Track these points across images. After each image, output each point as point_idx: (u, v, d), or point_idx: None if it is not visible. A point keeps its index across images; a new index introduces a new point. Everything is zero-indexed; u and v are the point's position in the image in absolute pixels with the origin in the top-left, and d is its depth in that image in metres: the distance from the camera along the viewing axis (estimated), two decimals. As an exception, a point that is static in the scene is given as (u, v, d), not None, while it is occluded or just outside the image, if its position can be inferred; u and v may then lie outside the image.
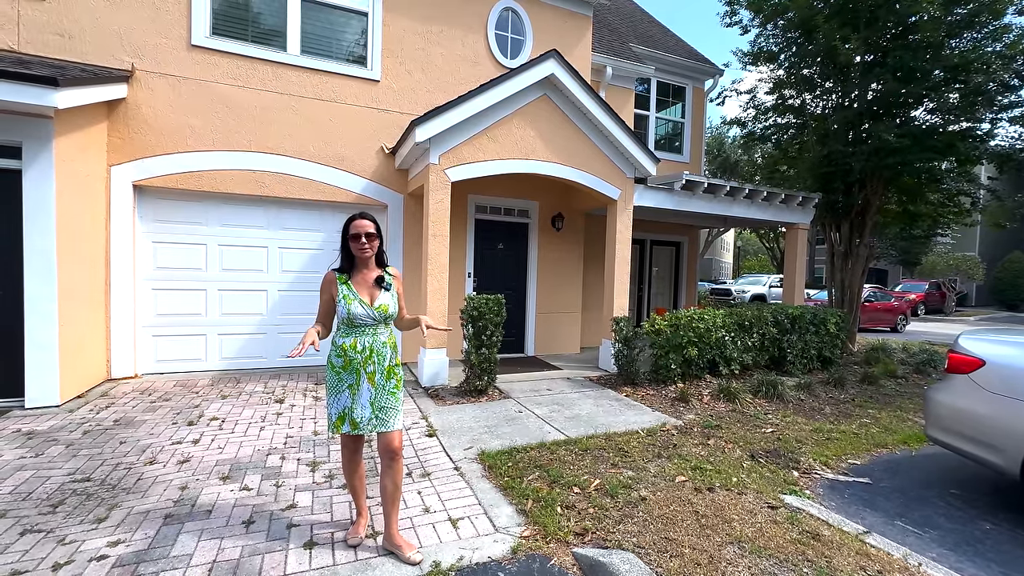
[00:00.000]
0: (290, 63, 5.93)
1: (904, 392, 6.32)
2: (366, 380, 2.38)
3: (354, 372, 2.37)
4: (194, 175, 5.57)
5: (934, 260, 24.77)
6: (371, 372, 2.39)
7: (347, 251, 2.42)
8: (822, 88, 9.18)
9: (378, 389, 2.40)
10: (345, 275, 2.42)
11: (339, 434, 2.41)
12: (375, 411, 2.38)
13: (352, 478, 2.56)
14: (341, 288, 2.38)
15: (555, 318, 7.80)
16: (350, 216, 2.45)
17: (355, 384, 2.37)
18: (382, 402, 2.40)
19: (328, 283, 2.43)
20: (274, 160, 5.89)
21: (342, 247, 2.44)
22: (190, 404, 4.59)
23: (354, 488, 2.59)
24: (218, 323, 5.88)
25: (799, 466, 3.69)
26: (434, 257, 5.54)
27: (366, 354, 2.38)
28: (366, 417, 2.37)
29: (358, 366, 2.37)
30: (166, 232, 5.64)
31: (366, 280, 2.44)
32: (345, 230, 2.41)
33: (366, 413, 2.37)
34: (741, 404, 5.29)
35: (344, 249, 2.43)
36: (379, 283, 2.45)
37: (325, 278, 2.44)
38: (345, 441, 2.50)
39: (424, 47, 6.61)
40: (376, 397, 2.39)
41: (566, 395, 5.40)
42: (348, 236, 2.40)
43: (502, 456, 3.58)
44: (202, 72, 5.57)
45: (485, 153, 5.74)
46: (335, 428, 2.39)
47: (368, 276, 2.45)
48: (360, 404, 2.37)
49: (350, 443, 2.50)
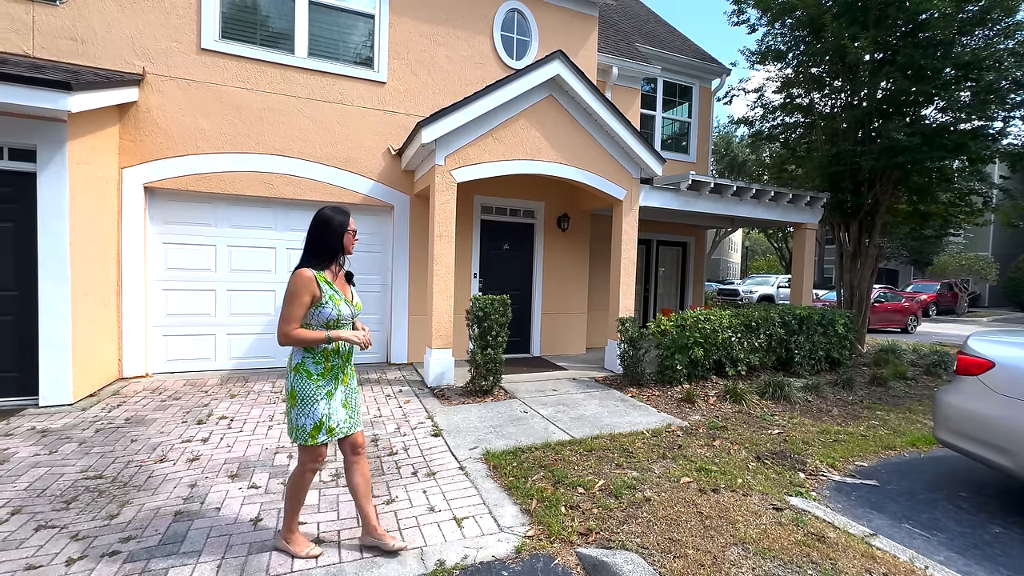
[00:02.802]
0: (298, 66, 5.99)
1: (913, 394, 6.26)
2: (341, 383, 2.33)
3: (333, 378, 2.28)
4: (204, 177, 5.65)
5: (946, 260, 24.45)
6: (347, 373, 2.36)
7: (330, 246, 2.25)
8: (831, 87, 9.10)
9: (348, 389, 2.37)
10: (322, 274, 2.25)
11: (314, 444, 2.22)
12: (349, 412, 2.34)
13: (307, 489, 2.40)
14: (324, 288, 2.21)
15: (561, 319, 7.81)
16: (328, 209, 2.29)
17: (332, 390, 2.27)
18: (352, 401, 2.38)
19: (308, 282, 2.16)
20: (282, 162, 5.96)
21: (320, 241, 2.24)
22: (200, 403, 4.66)
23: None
24: (227, 323, 5.95)
25: (805, 468, 3.67)
26: (440, 257, 5.57)
27: (345, 356, 2.33)
28: (341, 420, 2.29)
29: (339, 371, 2.30)
30: (176, 233, 5.72)
31: (339, 277, 2.35)
32: (330, 224, 2.24)
33: (341, 416, 2.29)
34: (747, 405, 5.27)
35: (326, 244, 2.25)
36: (349, 279, 2.39)
37: (303, 277, 2.16)
38: (320, 451, 2.28)
39: (430, 49, 6.65)
40: (348, 397, 2.36)
41: (571, 395, 5.41)
42: (341, 231, 2.26)
43: (507, 456, 3.60)
44: (212, 75, 5.65)
45: (491, 154, 5.76)
46: (310, 438, 2.20)
47: (338, 272, 2.35)
48: (335, 409, 2.26)
49: (324, 451, 2.31)
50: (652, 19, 11.89)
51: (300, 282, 2.16)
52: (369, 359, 6.67)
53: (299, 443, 2.23)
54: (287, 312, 2.15)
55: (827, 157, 8.74)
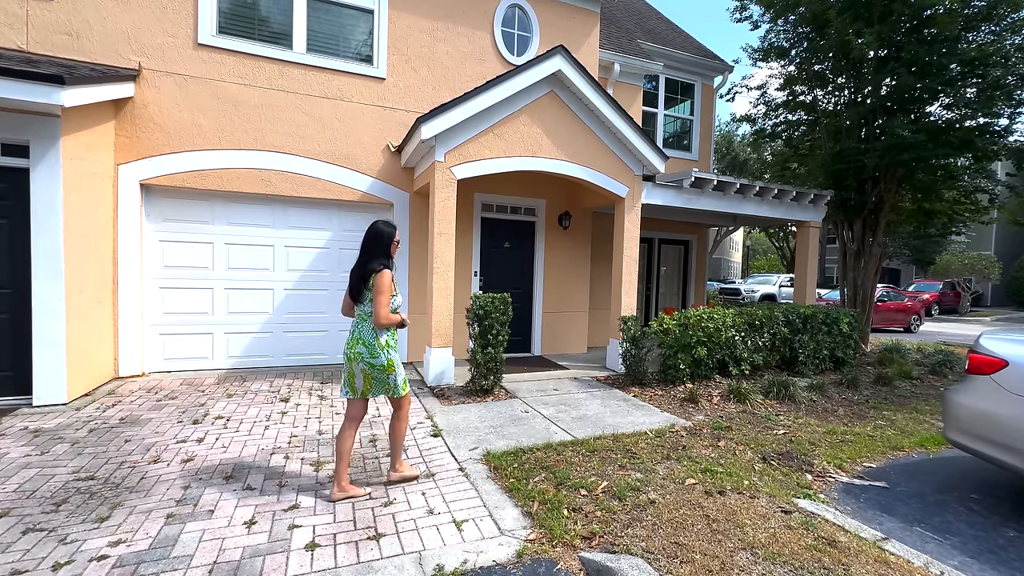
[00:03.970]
0: (296, 61, 5.92)
1: (919, 393, 6.18)
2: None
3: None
4: (201, 174, 5.57)
5: (948, 259, 24.35)
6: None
7: (387, 252, 2.94)
8: (834, 84, 9.02)
9: None
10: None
11: (407, 392, 3.04)
12: None
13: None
14: (394, 285, 2.90)
15: (562, 317, 7.73)
16: (380, 223, 2.96)
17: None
18: None
19: (391, 280, 2.85)
20: (280, 159, 5.89)
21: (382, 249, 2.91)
22: (196, 403, 4.59)
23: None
24: (224, 322, 5.88)
25: (812, 469, 3.59)
26: (440, 255, 5.50)
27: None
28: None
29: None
30: (173, 231, 5.65)
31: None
32: (383, 234, 2.92)
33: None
34: (752, 405, 5.19)
35: (384, 250, 2.92)
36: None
37: (389, 276, 2.84)
38: (409, 396, 3.11)
39: (430, 44, 6.57)
40: None
41: (573, 395, 5.34)
42: (389, 241, 2.93)
43: (508, 457, 3.52)
44: (209, 71, 5.57)
45: (491, 150, 5.68)
46: (403, 389, 3.00)
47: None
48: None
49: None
50: (654, 16, 11.80)
51: (388, 280, 2.83)
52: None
53: (399, 396, 2.98)
54: (384, 301, 2.80)
55: (830, 155, 8.67)
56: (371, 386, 2.92)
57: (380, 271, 2.80)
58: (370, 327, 2.86)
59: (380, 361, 2.86)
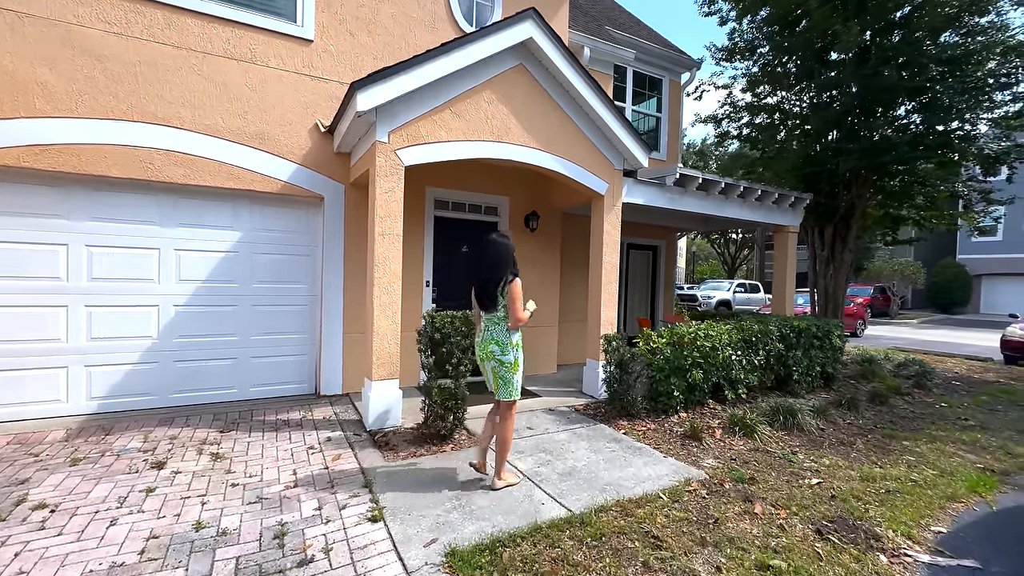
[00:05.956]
0: (191, 8, 4.53)
1: (919, 413, 5.68)
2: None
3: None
4: (48, 150, 4.06)
5: (880, 265, 25.68)
6: None
7: (514, 262, 3.13)
8: (803, 85, 8.64)
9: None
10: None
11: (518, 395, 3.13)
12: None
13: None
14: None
15: (528, 333, 6.69)
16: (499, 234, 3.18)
17: None
18: None
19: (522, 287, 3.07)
20: (168, 134, 4.47)
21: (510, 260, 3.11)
22: (14, 478, 3.12)
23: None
24: (85, 350, 4.35)
25: (881, 544, 2.75)
26: (383, 262, 4.31)
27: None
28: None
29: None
30: (5, 227, 4.09)
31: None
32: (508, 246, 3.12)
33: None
34: (760, 439, 4.38)
35: (511, 261, 3.11)
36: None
37: (520, 284, 3.06)
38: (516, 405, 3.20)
39: (371, 4, 5.36)
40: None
41: (552, 436, 4.30)
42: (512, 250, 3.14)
43: (482, 558, 2.41)
44: (59, 10, 4.09)
45: (448, 132, 4.57)
46: (516, 392, 3.10)
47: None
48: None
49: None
50: (618, 9, 11.16)
51: (520, 287, 3.06)
52: (293, 391, 5.24)
53: (510, 399, 3.09)
54: (519, 306, 3.02)
55: (801, 157, 8.26)
56: (498, 385, 3.10)
57: (512, 280, 3.04)
58: (504, 328, 3.08)
59: (509, 358, 3.07)
